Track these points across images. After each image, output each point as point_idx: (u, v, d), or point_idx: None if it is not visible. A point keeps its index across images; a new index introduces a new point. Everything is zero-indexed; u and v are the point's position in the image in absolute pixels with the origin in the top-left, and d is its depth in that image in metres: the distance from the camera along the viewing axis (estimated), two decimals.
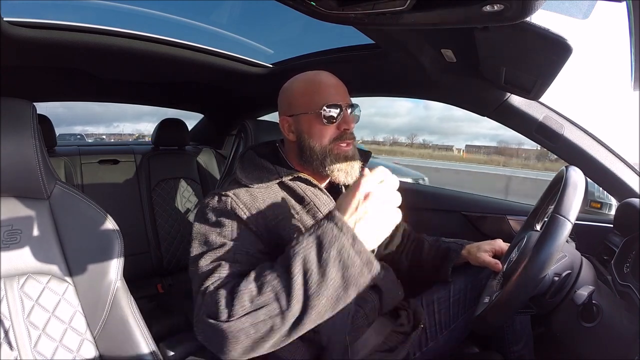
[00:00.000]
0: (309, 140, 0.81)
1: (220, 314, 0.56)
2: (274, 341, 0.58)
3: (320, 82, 0.82)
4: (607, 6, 0.53)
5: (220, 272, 0.63)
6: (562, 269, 0.70)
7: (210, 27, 1.38)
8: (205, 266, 0.66)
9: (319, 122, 0.80)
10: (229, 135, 2.18)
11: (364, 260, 0.54)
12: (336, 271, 0.54)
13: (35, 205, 0.70)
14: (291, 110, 0.83)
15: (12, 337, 0.62)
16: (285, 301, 0.55)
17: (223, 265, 0.65)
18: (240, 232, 0.72)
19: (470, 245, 0.98)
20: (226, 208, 0.73)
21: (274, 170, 0.80)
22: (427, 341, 0.92)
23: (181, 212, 1.80)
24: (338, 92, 0.82)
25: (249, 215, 0.73)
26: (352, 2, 0.55)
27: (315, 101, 0.80)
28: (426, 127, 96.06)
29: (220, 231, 0.72)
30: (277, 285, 0.56)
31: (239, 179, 0.79)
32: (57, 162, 1.57)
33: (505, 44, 0.70)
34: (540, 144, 1.04)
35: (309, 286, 0.54)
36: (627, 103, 3.08)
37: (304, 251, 0.55)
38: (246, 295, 0.57)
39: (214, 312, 0.57)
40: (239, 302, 0.56)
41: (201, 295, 0.61)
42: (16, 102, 0.67)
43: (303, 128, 0.82)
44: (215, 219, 0.73)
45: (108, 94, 1.81)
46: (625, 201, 0.92)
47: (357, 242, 0.54)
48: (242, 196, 0.75)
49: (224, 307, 0.57)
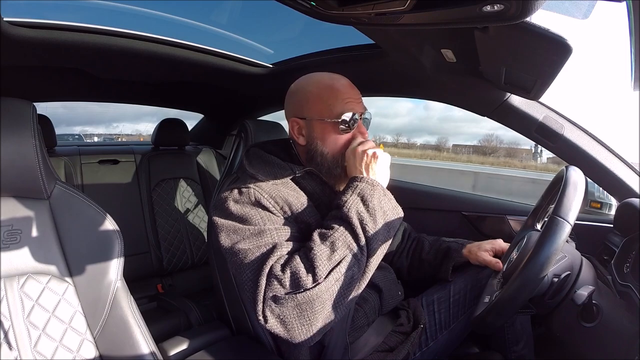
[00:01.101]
0: (321, 147, 0.80)
1: (303, 282, 0.61)
2: (352, 296, 0.66)
3: (338, 89, 0.80)
4: (607, 6, 0.53)
5: (278, 251, 0.66)
6: (562, 270, 0.70)
7: (210, 27, 1.38)
8: (252, 251, 0.66)
9: (335, 131, 0.78)
10: (229, 135, 2.18)
11: (393, 203, 0.73)
12: (380, 215, 0.68)
13: (35, 205, 0.70)
14: (303, 114, 0.81)
15: (12, 337, 0.62)
16: (358, 249, 0.65)
17: (278, 246, 0.66)
18: (271, 219, 0.71)
19: (471, 245, 0.98)
20: (250, 199, 0.72)
21: (286, 167, 0.79)
22: (427, 341, 0.92)
23: (181, 212, 1.80)
24: (355, 100, 0.80)
25: (275, 203, 0.72)
26: (352, 2, 0.55)
27: (332, 109, 0.77)
28: (426, 127, 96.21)
29: (251, 221, 0.70)
30: (347, 237, 0.65)
31: (252, 174, 0.77)
32: (57, 162, 1.57)
33: (505, 44, 0.69)
34: (540, 144, 1.04)
35: (367, 232, 0.66)
36: (627, 103, 3.07)
37: (355, 206, 0.68)
38: (324, 256, 0.63)
39: (296, 283, 0.61)
40: (320, 263, 0.62)
41: (265, 277, 0.63)
42: (16, 102, 0.67)
43: (316, 134, 0.80)
44: (240, 211, 0.71)
45: (108, 94, 1.81)
46: (625, 201, 0.92)
47: (384, 191, 0.73)
48: (264, 187, 0.74)
49: (305, 275, 0.61)
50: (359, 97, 0.82)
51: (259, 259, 0.65)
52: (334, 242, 0.65)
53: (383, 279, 0.90)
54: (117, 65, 1.31)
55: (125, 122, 77.54)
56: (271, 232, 0.68)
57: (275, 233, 0.68)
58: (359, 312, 0.83)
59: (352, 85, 0.82)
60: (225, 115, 2.08)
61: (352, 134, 0.79)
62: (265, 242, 0.67)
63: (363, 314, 0.83)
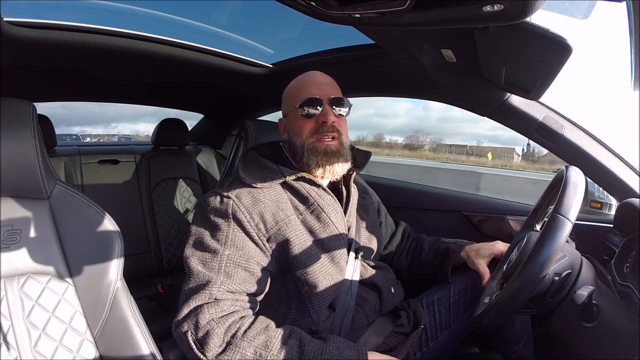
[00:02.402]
0: (293, 137, 0.84)
1: (202, 352, 0.64)
2: None
3: (304, 79, 0.85)
4: (607, 6, 0.53)
5: (212, 289, 0.68)
6: (562, 269, 0.70)
7: (210, 27, 1.38)
8: (196, 274, 0.70)
9: (298, 117, 0.82)
10: (229, 135, 2.18)
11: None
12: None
13: (35, 205, 0.70)
14: (284, 110, 0.87)
15: (12, 337, 0.62)
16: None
17: (213, 283, 0.69)
18: (237, 239, 0.73)
19: (470, 247, 0.98)
20: (227, 210, 0.74)
21: (277, 170, 0.81)
22: (427, 341, 0.92)
23: (181, 212, 1.80)
24: (319, 88, 0.82)
25: (250, 219, 0.74)
26: (352, 2, 0.55)
27: (296, 97, 0.82)
28: (424, 127, 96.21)
29: (216, 234, 0.73)
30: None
31: (241, 178, 0.80)
32: (57, 162, 1.57)
33: (505, 44, 0.69)
34: (540, 144, 1.04)
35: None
36: (627, 103, 3.06)
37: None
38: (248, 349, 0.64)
39: (200, 344, 0.65)
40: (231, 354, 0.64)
41: (188, 308, 0.67)
42: (16, 102, 0.67)
43: (290, 126, 0.85)
44: (213, 220, 0.74)
45: (108, 94, 1.81)
46: (625, 201, 0.92)
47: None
48: (244, 199, 0.75)
49: (209, 347, 0.64)
50: (328, 86, 0.84)
51: (196, 287, 0.70)
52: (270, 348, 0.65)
53: (383, 279, 0.90)
54: (117, 65, 1.31)
55: (125, 122, 77.63)
56: (221, 259, 0.71)
57: (225, 259, 0.71)
58: (359, 312, 0.83)
59: (324, 76, 0.86)
60: (225, 115, 2.08)
61: (315, 119, 0.81)
62: (210, 266, 0.71)
63: (363, 315, 0.83)
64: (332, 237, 0.81)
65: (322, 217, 0.80)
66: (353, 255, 0.85)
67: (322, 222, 0.80)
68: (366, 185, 1.06)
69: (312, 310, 0.77)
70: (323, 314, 0.78)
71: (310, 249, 0.77)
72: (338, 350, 0.68)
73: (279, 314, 0.78)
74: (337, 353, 0.67)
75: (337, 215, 0.83)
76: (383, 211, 1.07)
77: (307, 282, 0.76)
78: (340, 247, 0.82)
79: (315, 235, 0.79)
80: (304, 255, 0.76)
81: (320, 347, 0.67)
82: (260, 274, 0.74)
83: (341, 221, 0.84)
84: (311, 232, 0.79)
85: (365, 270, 0.88)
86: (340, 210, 0.85)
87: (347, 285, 0.82)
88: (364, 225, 0.93)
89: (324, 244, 0.80)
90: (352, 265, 0.84)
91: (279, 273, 0.79)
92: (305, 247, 0.77)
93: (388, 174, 2.15)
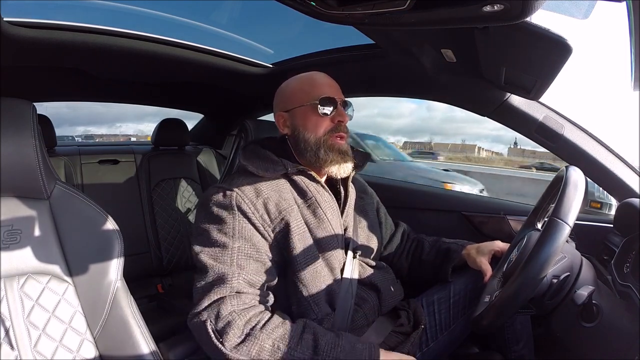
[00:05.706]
0: (303, 133, 0.84)
1: (222, 341, 0.65)
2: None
3: (316, 78, 0.87)
4: (607, 6, 0.53)
5: (230, 282, 0.69)
6: (561, 271, 0.70)
7: (210, 27, 1.38)
8: (210, 269, 0.71)
9: (314, 113, 0.82)
10: (229, 135, 2.18)
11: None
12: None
13: (35, 205, 0.70)
14: (287, 106, 0.86)
15: (12, 337, 0.62)
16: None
17: (229, 275, 0.69)
18: (245, 230, 0.73)
19: (470, 247, 0.98)
20: (231, 202, 0.74)
21: (279, 162, 0.82)
22: (427, 341, 0.92)
23: (181, 212, 1.80)
24: (332, 88, 0.85)
25: (254, 210, 0.75)
26: (352, 2, 0.55)
27: (311, 94, 0.83)
28: (428, 128, 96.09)
29: (223, 228, 0.73)
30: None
31: (244, 166, 0.81)
32: (57, 162, 1.57)
33: (505, 44, 0.70)
34: (540, 144, 1.04)
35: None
36: (627, 103, 3.05)
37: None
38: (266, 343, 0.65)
39: (221, 334, 0.65)
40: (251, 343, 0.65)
41: (209, 300, 0.68)
42: (16, 102, 0.67)
43: (298, 121, 0.85)
44: (218, 214, 0.74)
45: (108, 94, 1.81)
46: (625, 201, 0.92)
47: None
48: (247, 191, 0.76)
49: (233, 336, 0.65)
50: (338, 88, 0.87)
51: (213, 280, 0.70)
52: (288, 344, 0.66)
53: (382, 279, 0.90)
54: (117, 65, 1.31)
55: (128, 122, 77.67)
56: (232, 252, 0.71)
57: (237, 253, 0.72)
58: (359, 312, 0.83)
59: (331, 79, 0.88)
60: (225, 115, 2.08)
61: (330, 118, 0.83)
62: (223, 260, 0.71)
63: (362, 315, 0.83)
64: (327, 234, 0.81)
65: (318, 212, 0.81)
66: (351, 255, 0.85)
67: (318, 217, 0.81)
68: (366, 185, 1.06)
69: (312, 304, 0.77)
70: (321, 311, 0.78)
71: (306, 242, 0.78)
72: (350, 344, 0.69)
73: (283, 309, 0.78)
74: (349, 347, 0.68)
75: (333, 213, 0.83)
76: (382, 211, 1.07)
77: (300, 275, 0.77)
78: (335, 245, 0.82)
79: (311, 230, 0.80)
80: (300, 246, 0.77)
81: (334, 340, 0.68)
82: (270, 264, 0.76)
83: (337, 219, 0.84)
84: (307, 225, 0.80)
85: (363, 270, 0.88)
86: (337, 209, 0.85)
87: (347, 285, 0.82)
88: (363, 225, 0.93)
89: (318, 240, 0.80)
90: (350, 264, 0.84)
91: (281, 265, 0.79)
92: (302, 239, 0.78)
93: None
